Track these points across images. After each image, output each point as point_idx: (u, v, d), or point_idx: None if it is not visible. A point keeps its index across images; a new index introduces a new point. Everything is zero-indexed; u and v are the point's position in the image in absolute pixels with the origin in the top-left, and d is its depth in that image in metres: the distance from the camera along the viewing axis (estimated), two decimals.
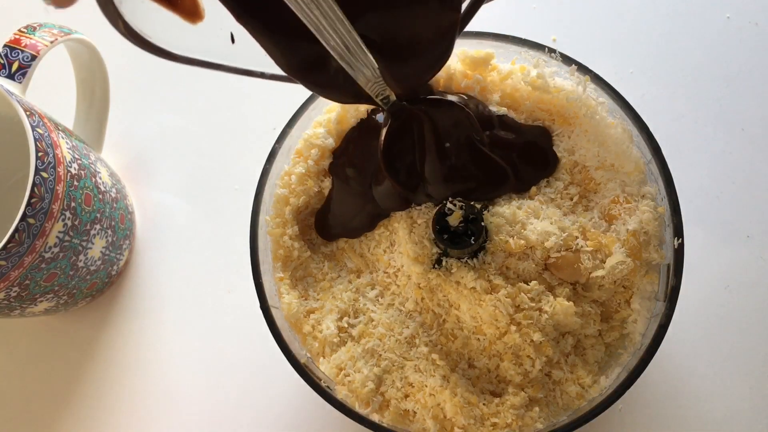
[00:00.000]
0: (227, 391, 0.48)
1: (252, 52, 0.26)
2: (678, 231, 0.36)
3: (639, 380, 0.35)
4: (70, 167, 0.42)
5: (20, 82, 0.42)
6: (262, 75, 0.29)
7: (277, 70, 0.28)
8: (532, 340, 0.36)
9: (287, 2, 0.24)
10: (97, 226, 0.44)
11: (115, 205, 0.47)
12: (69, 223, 0.41)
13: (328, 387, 0.37)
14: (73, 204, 0.41)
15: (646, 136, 0.38)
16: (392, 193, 0.39)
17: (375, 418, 0.36)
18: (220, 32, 0.26)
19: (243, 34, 0.25)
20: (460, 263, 0.37)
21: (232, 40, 0.27)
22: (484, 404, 0.36)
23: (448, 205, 0.37)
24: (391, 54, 0.30)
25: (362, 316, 0.40)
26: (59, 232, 0.40)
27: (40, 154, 0.39)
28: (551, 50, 0.39)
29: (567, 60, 0.39)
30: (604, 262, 0.37)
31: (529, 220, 0.38)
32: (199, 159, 0.54)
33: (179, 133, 0.55)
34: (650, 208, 0.37)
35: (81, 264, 0.44)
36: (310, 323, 0.40)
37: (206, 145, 0.54)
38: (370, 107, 0.41)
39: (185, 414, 0.48)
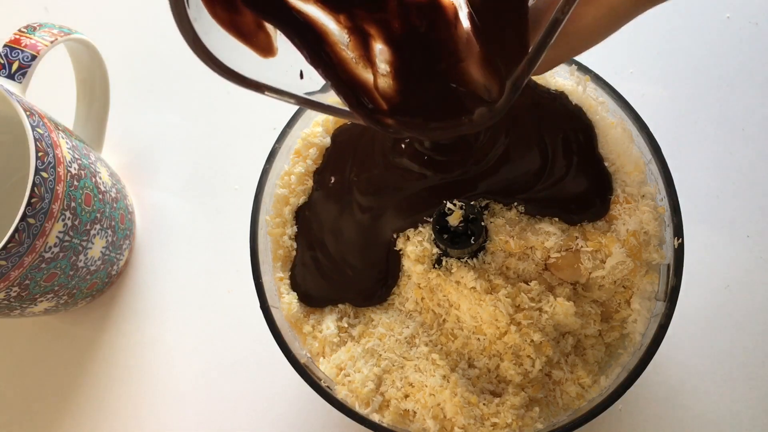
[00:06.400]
0: (227, 391, 0.48)
1: (317, 87, 0.28)
2: (678, 231, 0.36)
3: (639, 380, 0.35)
4: (70, 167, 0.42)
5: (20, 82, 0.42)
6: (327, 109, 0.29)
7: (342, 105, 0.29)
8: (532, 340, 0.36)
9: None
10: (97, 226, 0.44)
11: (115, 205, 0.47)
12: (69, 223, 0.41)
13: (328, 387, 0.37)
14: (73, 204, 0.41)
15: (646, 136, 0.38)
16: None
17: (375, 418, 0.36)
18: (290, 68, 0.28)
19: (312, 71, 0.27)
20: (460, 263, 0.37)
21: (301, 76, 0.28)
22: (484, 404, 0.36)
23: (448, 204, 0.37)
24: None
25: (362, 316, 0.40)
26: (59, 232, 0.40)
27: (40, 154, 0.39)
28: None
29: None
30: (604, 262, 0.37)
31: (529, 220, 0.38)
32: (199, 159, 0.54)
33: (179, 133, 0.55)
34: (650, 208, 0.37)
35: (81, 264, 0.44)
36: (310, 323, 0.40)
37: (206, 145, 0.54)
38: None
39: (185, 413, 0.48)
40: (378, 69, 0.27)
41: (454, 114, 0.28)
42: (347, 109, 0.28)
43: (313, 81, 0.27)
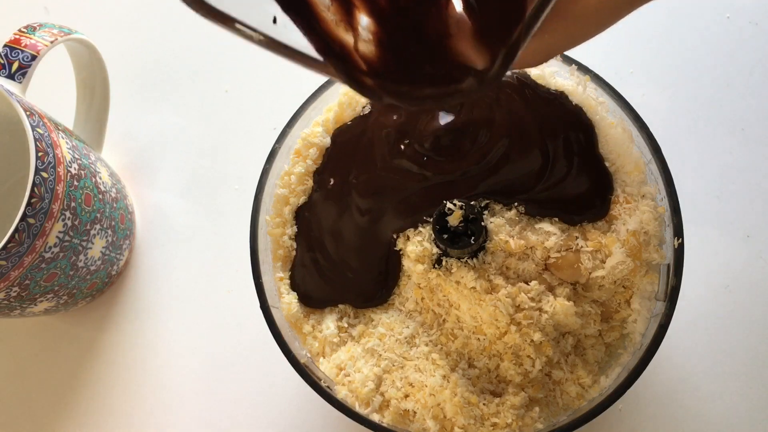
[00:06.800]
0: (227, 391, 0.48)
1: (291, 36, 0.25)
2: (678, 231, 0.36)
3: (639, 380, 0.35)
4: (70, 167, 0.42)
5: (20, 82, 0.42)
6: (301, 57, 0.25)
7: (314, 54, 0.25)
8: (532, 340, 0.36)
9: None
10: (97, 226, 0.44)
11: (115, 205, 0.47)
12: (69, 223, 0.41)
13: (328, 387, 0.37)
14: (73, 204, 0.41)
15: (646, 136, 0.38)
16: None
17: (375, 418, 0.36)
18: (263, 12, 0.25)
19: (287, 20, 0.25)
20: (460, 263, 0.37)
21: (274, 21, 0.25)
22: (484, 404, 0.36)
23: (448, 204, 0.37)
24: None
25: (362, 316, 0.40)
26: (59, 232, 0.40)
27: (40, 154, 0.39)
28: None
29: (567, 60, 0.39)
30: (604, 262, 0.37)
31: (529, 220, 0.38)
32: (199, 159, 0.54)
33: (179, 133, 0.55)
34: (650, 208, 0.37)
35: (81, 264, 0.44)
36: (310, 323, 0.40)
37: (206, 145, 0.54)
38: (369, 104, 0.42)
39: (185, 414, 0.48)
40: (360, 35, 0.26)
41: (442, 82, 0.26)
42: (322, 59, 0.25)
43: (288, 30, 0.24)
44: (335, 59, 0.25)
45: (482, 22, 0.25)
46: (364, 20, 0.25)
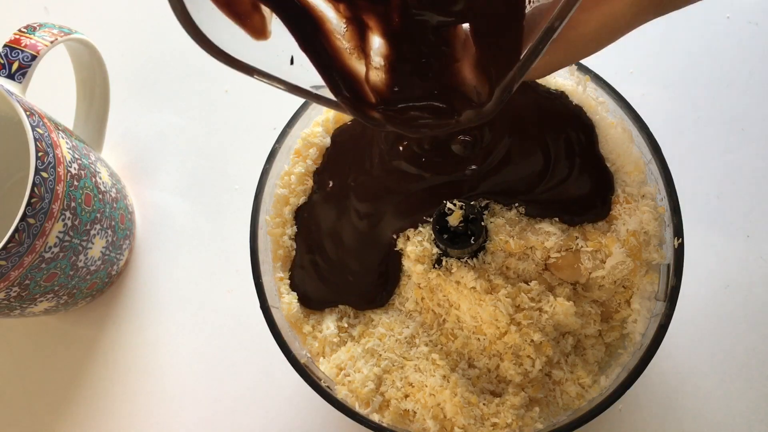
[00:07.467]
0: (227, 391, 0.48)
1: (308, 76, 0.27)
2: (678, 231, 0.36)
3: (639, 380, 0.35)
4: (70, 167, 0.42)
5: (20, 82, 0.42)
6: (315, 98, 0.28)
7: (329, 95, 0.28)
8: (532, 340, 0.36)
9: None
10: (97, 226, 0.44)
11: (115, 205, 0.47)
12: (69, 223, 0.41)
13: (328, 387, 0.37)
14: (73, 204, 0.41)
15: (646, 136, 0.38)
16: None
17: (375, 418, 0.36)
18: (281, 53, 0.27)
19: (303, 58, 0.26)
20: (460, 263, 0.37)
21: (291, 62, 0.27)
22: (484, 404, 0.36)
23: (448, 204, 0.37)
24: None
25: (362, 316, 0.40)
26: (59, 232, 0.40)
27: (40, 154, 0.39)
28: None
29: None
30: (604, 262, 0.37)
31: (529, 220, 0.38)
32: (199, 159, 0.54)
33: (179, 133, 0.55)
34: (650, 208, 0.37)
35: (81, 264, 0.44)
36: (310, 323, 0.40)
37: (206, 145, 0.54)
38: None
39: (185, 414, 0.48)
40: (371, 61, 0.27)
41: (442, 113, 0.27)
42: (334, 98, 0.27)
43: (303, 68, 0.26)
44: (346, 98, 0.27)
45: (483, 52, 0.26)
46: (376, 42, 0.27)
